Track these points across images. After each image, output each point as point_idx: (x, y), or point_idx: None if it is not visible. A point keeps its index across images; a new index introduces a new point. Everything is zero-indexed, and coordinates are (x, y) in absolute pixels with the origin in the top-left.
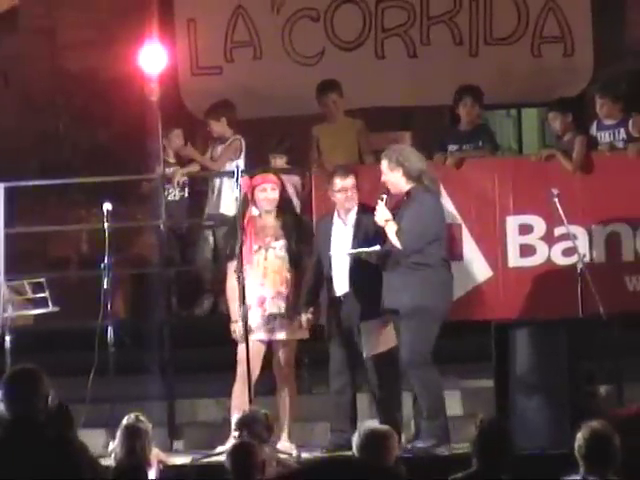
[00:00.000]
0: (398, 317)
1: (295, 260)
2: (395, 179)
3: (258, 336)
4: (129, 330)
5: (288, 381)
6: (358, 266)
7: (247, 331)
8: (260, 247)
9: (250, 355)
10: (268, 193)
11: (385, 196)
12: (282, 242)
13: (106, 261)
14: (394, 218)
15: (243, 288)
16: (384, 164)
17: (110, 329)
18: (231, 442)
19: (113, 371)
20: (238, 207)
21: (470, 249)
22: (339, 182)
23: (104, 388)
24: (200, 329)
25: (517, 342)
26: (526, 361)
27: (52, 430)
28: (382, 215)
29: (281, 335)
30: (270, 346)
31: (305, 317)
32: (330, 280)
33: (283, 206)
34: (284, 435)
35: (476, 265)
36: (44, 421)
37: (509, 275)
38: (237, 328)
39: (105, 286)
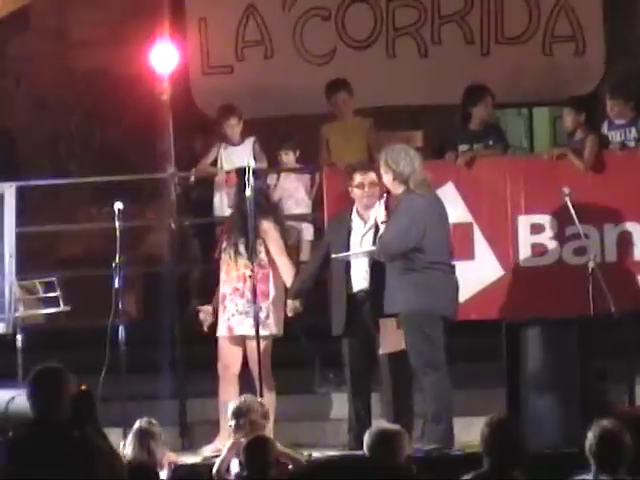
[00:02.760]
0: (401, 321)
1: (250, 258)
2: (388, 182)
3: (221, 332)
4: (140, 329)
5: (264, 381)
6: (378, 263)
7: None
8: (227, 245)
9: (222, 353)
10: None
11: (385, 196)
12: (243, 239)
13: (117, 260)
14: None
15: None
16: (381, 164)
17: (121, 328)
18: (226, 435)
19: (124, 370)
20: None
21: (481, 249)
22: (358, 177)
23: (115, 387)
24: (211, 327)
25: (528, 341)
26: (537, 360)
27: (74, 429)
28: (379, 216)
29: (240, 331)
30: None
31: (290, 303)
32: (347, 277)
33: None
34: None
35: (487, 265)
36: (67, 420)
37: (520, 274)
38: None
39: (116, 285)
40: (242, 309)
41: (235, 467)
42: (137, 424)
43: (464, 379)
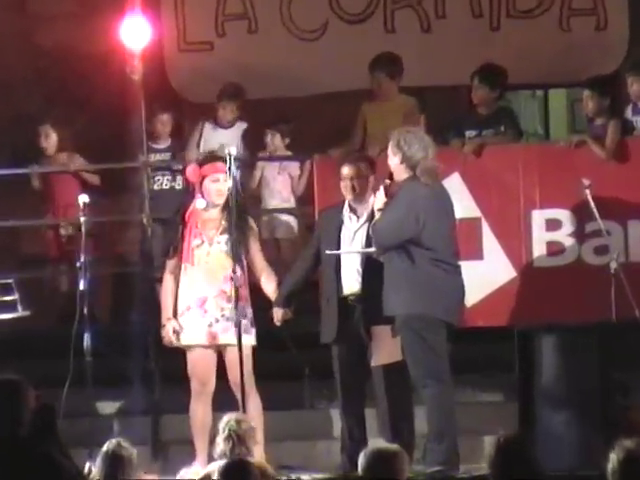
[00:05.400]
0: (397, 326)
1: (238, 256)
2: (394, 165)
3: (199, 341)
4: (109, 336)
5: (247, 397)
6: (371, 263)
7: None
8: (202, 242)
9: (199, 366)
10: (220, 184)
11: (388, 182)
12: (226, 236)
13: (82, 259)
14: None
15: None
16: (389, 146)
17: (87, 335)
18: (205, 457)
19: (91, 382)
20: (182, 200)
21: (491, 247)
22: (343, 169)
23: (81, 401)
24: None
25: (543, 350)
26: (553, 371)
27: (36, 446)
28: (377, 203)
29: (224, 339)
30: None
31: (278, 311)
32: (337, 278)
33: (228, 199)
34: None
35: (497, 265)
36: (27, 437)
37: (534, 276)
38: (170, 328)
39: (82, 287)
40: (229, 314)
41: None
42: (106, 447)
43: (470, 392)
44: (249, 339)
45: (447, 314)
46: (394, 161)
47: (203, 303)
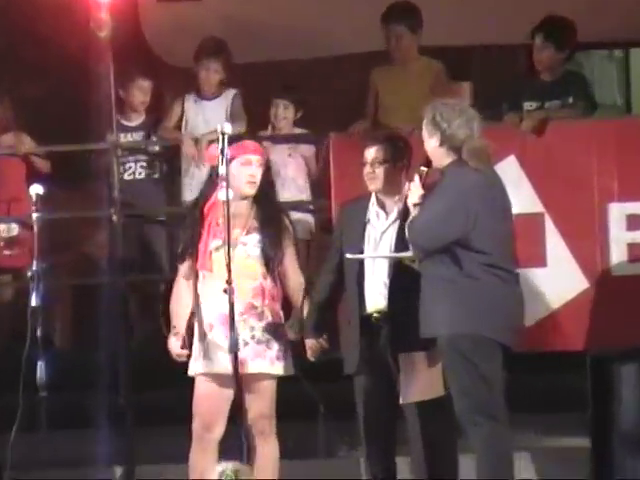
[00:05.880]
0: (439, 350)
1: (271, 262)
2: (431, 149)
3: (220, 368)
4: (70, 365)
5: (265, 438)
6: (402, 272)
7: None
8: (224, 243)
9: (206, 403)
10: (253, 169)
11: (424, 170)
12: (256, 237)
13: (35, 267)
14: None
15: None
16: (423, 125)
17: (41, 363)
18: None
19: (45, 423)
20: (202, 189)
21: (557, 251)
22: (367, 152)
23: (32, 448)
24: (169, 364)
25: (623, 381)
26: (635, 407)
27: None
28: (412, 196)
29: (255, 367)
30: (239, 384)
31: (312, 342)
32: (360, 291)
33: (261, 190)
34: None
35: (565, 273)
36: None
37: (612, 287)
38: (170, 346)
39: (33, 303)
40: (261, 337)
41: None
42: None
43: (532, 432)
44: (278, 368)
45: (504, 334)
46: (431, 143)
47: (224, 320)
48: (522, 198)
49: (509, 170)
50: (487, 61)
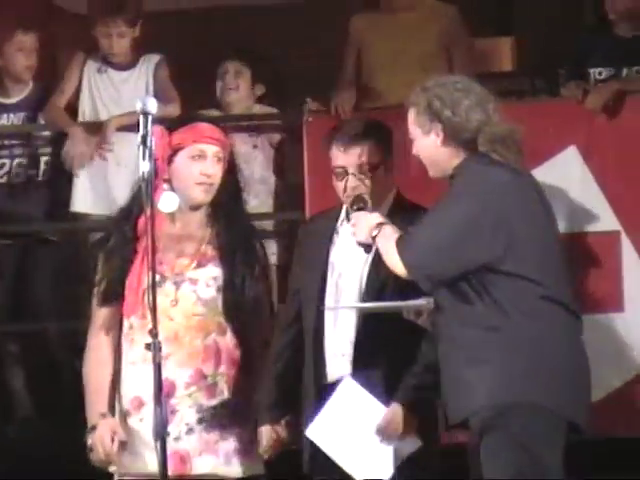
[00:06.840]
0: (473, 432)
1: (235, 311)
2: (428, 152)
3: (150, 466)
4: None
5: None
6: (376, 325)
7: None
8: (165, 279)
9: None
10: (209, 164)
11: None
12: (213, 270)
13: None
14: None
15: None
16: (410, 116)
17: None
18: None
19: None
20: (135, 194)
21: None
22: (344, 155)
23: None
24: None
25: None
26: None
27: None
28: (361, 231)
29: (203, 467)
30: None
31: (266, 430)
32: (317, 353)
33: (222, 197)
34: None
35: None
36: None
37: None
38: (105, 431)
39: None
40: (213, 421)
41: None
42: None
43: None
44: (236, 468)
45: (574, 407)
46: (428, 143)
47: (168, 395)
48: (587, 208)
49: (568, 166)
50: (536, 8)
